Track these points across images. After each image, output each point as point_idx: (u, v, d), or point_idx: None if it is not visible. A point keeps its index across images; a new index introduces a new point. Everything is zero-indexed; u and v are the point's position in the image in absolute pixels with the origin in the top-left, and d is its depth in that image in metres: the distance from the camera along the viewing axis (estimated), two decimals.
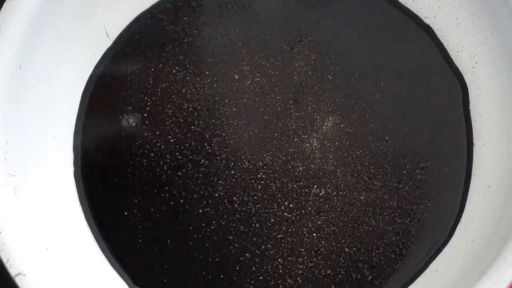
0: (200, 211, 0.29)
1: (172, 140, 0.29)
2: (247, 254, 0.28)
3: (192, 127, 0.30)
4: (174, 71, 0.30)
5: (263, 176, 0.29)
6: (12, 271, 0.23)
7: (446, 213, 0.29)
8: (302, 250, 0.28)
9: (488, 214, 0.28)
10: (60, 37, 0.28)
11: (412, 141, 0.30)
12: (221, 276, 0.28)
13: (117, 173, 0.29)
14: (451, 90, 0.30)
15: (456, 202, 0.29)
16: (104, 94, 0.30)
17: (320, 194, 0.29)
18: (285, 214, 0.29)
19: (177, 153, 0.29)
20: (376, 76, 0.30)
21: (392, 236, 0.29)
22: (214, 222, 0.29)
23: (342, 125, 0.30)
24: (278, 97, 0.30)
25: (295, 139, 0.30)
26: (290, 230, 0.29)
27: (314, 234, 0.29)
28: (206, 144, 0.29)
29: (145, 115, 0.30)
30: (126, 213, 0.29)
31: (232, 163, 0.29)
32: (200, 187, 0.29)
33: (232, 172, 0.29)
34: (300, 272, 0.28)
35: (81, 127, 0.30)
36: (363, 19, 0.31)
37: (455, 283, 0.26)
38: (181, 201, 0.29)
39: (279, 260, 0.28)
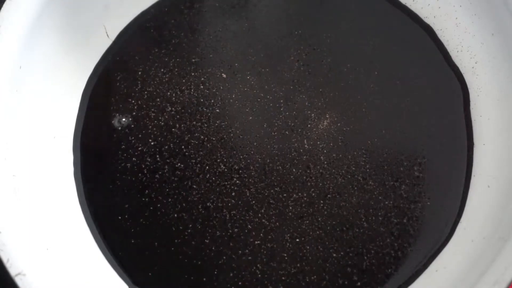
0: (176, 215, 0.28)
1: (152, 143, 0.29)
2: (224, 258, 0.28)
3: (173, 130, 0.29)
4: (159, 74, 0.30)
5: (237, 181, 0.29)
6: (12, 271, 0.23)
7: (446, 213, 0.29)
8: (285, 255, 0.28)
9: (488, 214, 0.28)
10: (60, 37, 0.28)
11: (410, 136, 0.30)
12: (204, 279, 0.28)
13: (111, 176, 0.29)
14: (451, 90, 0.30)
15: (456, 202, 0.29)
16: (104, 95, 0.30)
17: (303, 199, 0.29)
18: (263, 221, 0.28)
19: (157, 156, 0.29)
20: (371, 68, 0.30)
21: (386, 237, 0.28)
22: (190, 226, 0.28)
23: (339, 124, 0.30)
24: (268, 96, 0.30)
25: (280, 140, 0.29)
26: (270, 236, 0.28)
27: (298, 240, 0.28)
28: (183, 147, 0.29)
29: (130, 119, 0.30)
30: (120, 217, 0.29)
31: (207, 167, 0.29)
32: (175, 191, 0.29)
33: (207, 176, 0.29)
34: (282, 278, 0.28)
35: (81, 127, 0.30)
36: (362, 18, 0.31)
37: (455, 283, 0.26)
38: (158, 205, 0.29)
39: (258, 265, 0.28)
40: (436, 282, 0.28)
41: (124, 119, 0.30)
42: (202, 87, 0.30)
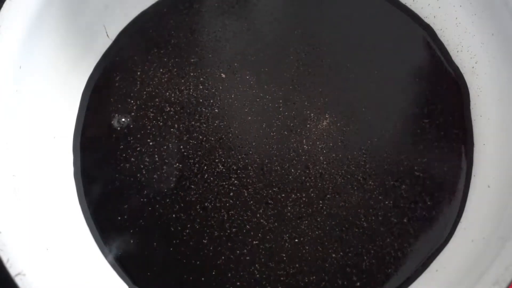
0: (174, 215, 0.28)
1: (151, 143, 0.29)
2: (222, 258, 0.28)
3: (172, 130, 0.29)
4: (159, 74, 0.30)
5: (236, 181, 0.29)
6: (12, 271, 0.23)
7: (446, 213, 0.29)
8: (284, 255, 0.28)
9: (488, 214, 0.28)
10: (60, 37, 0.28)
11: (410, 135, 0.30)
12: (202, 279, 0.28)
13: (111, 176, 0.29)
14: (451, 90, 0.30)
15: (456, 202, 0.29)
16: (104, 95, 0.30)
17: (302, 199, 0.29)
18: (261, 221, 0.28)
19: (156, 156, 0.29)
20: (371, 68, 0.30)
21: (386, 237, 0.28)
22: (188, 226, 0.28)
23: (338, 124, 0.30)
24: (267, 96, 0.30)
25: (279, 141, 0.29)
26: (268, 236, 0.28)
27: (297, 240, 0.28)
28: (181, 147, 0.29)
29: (129, 119, 0.30)
30: (119, 217, 0.29)
31: (205, 167, 0.29)
32: (173, 191, 0.29)
33: (205, 176, 0.29)
34: (281, 278, 0.28)
35: (81, 127, 0.30)
36: (362, 17, 0.31)
37: (455, 283, 0.26)
38: (156, 205, 0.29)
39: (256, 266, 0.28)
40: (436, 282, 0.28)
41: (123, 119, 0.30)
42: (201, 87, 0.30)
